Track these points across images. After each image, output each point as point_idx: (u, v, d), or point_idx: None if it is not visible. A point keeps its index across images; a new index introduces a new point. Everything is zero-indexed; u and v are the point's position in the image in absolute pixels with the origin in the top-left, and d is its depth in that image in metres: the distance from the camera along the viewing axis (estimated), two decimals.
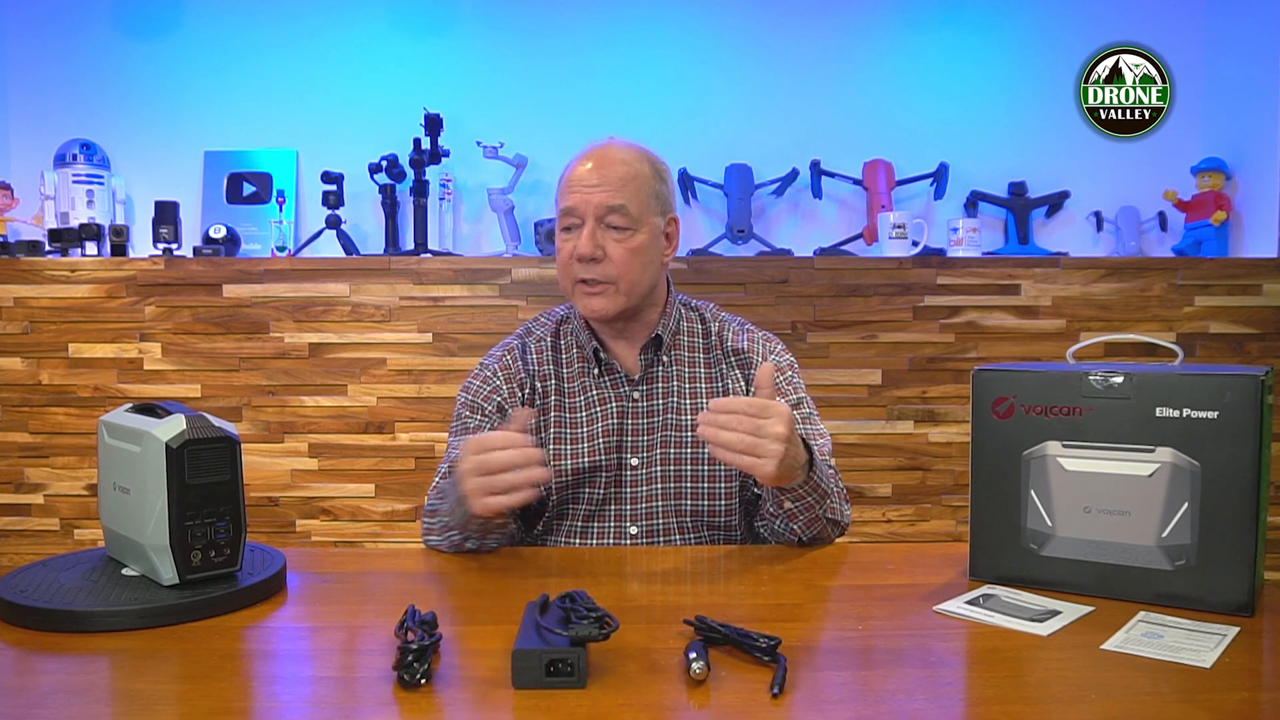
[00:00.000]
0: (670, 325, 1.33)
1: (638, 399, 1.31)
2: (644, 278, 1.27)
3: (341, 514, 2.41)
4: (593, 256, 1.23)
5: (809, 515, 1.15)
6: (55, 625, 0.87)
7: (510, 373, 1.33)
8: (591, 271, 1.24)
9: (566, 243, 1.27)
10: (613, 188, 1.24)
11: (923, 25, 2.70)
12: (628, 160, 1.26)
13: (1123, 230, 2.63)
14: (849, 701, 0.72)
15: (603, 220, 1.24)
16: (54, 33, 2.69)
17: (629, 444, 1.30)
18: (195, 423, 0.94)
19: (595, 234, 1.24)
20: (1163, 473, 0.92)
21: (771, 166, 2.63)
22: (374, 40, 2.69)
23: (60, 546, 2.41)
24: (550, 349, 1.34)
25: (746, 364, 1.34)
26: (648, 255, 1.27)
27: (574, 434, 1.30)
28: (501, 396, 1.31)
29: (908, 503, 2.44)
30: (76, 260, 2.40)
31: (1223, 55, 2.65)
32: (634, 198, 1.25)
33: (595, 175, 1.25)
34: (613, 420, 1.30)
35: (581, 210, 1.24)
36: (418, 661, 0.74)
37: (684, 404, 1.31)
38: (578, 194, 1.25)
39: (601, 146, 1.29)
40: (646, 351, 1.32)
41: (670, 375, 1.32)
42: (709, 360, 1.34)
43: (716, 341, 1.35)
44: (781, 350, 1.37)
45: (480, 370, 1.35)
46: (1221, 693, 0.72)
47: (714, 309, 1.41)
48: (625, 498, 1.30)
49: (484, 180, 2.63)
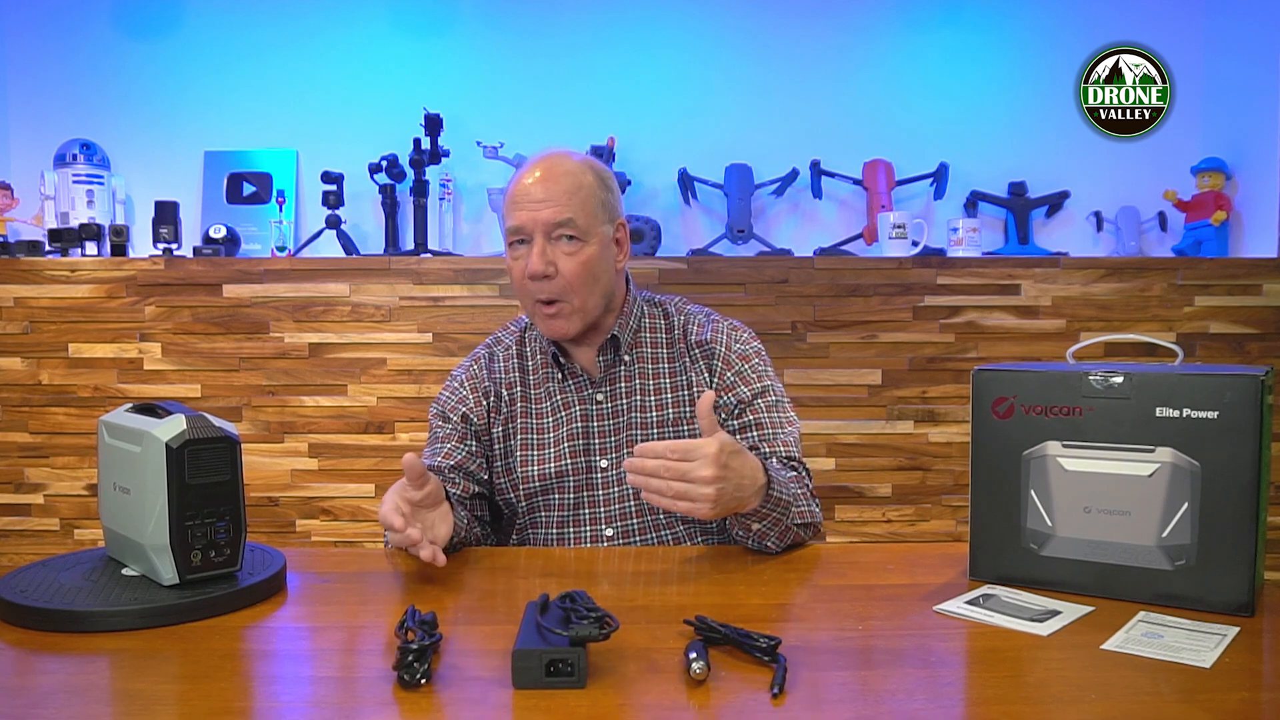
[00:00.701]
0: (630, 324, 1.33)
1: (601, 400, 1.31)
2: (597, 289, 1.26)
3: (341, 514, 2.41)
4: (545, 274, 1.22)
5: (778, 530, 1.12)
6: (55, 625, 0.87)
7: (476, 382, 1.34)
8: (546, 290, 1.23)
9: (517, 261, 1.25)
10: (559, 202, 1.22)
11: (923, 25, 2.70)
12: (571, 171, 1.25)
13: (1123, 230, 2.63)
14: (849, 701, 0.72)
15: (550, 235, 1.23)
16: (54, 33, 2.69)
17: (596, 446, 1.30)
18: (195, 423, 0.94)
19: (545, 250, 1.23)
20: (1163, 473, 0.92)
21: (771, 166, 2.63)
22: (374, 40, 2.69)
23: (60, 546, 2.40)
24: (516, 356, 1.35)
25: (710, 355, 1.32)
26: (599, 266, 1.26)
27: (540, 439, 1.31)
28: (467, 407, 1.32)
29: (908, 503, 2.44)
30: (76, 260, 2.40)
31: (1223, 55, 2.65)
32: (581, 209, 1.23)
33: (540, 190, 1.23)
34: (577, 424, 1.30)
35: (529, 227, 1.23)
36: (418, 661, 0.74)
37: (649, 401, 1.31)
38: (524, 211, 1.23)
39: (545, 158, 1.27)
40: (605, 352, 1.31)
41: (633, 374, 1.32)
42: (671, 355, 1.34)
43: (680, 336, 1.34)
44: (748, 338, 1.35)
45: (450, 381, 1.37)
46: (1221, 693, 0.72)
47: (679, 302, 1.39)
48: (598, 500, 1.30)
49: (484, 180, 2.63)
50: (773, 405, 1.30)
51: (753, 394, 1.29)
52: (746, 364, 1.31)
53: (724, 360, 1.31)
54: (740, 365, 1.31)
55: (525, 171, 1.26)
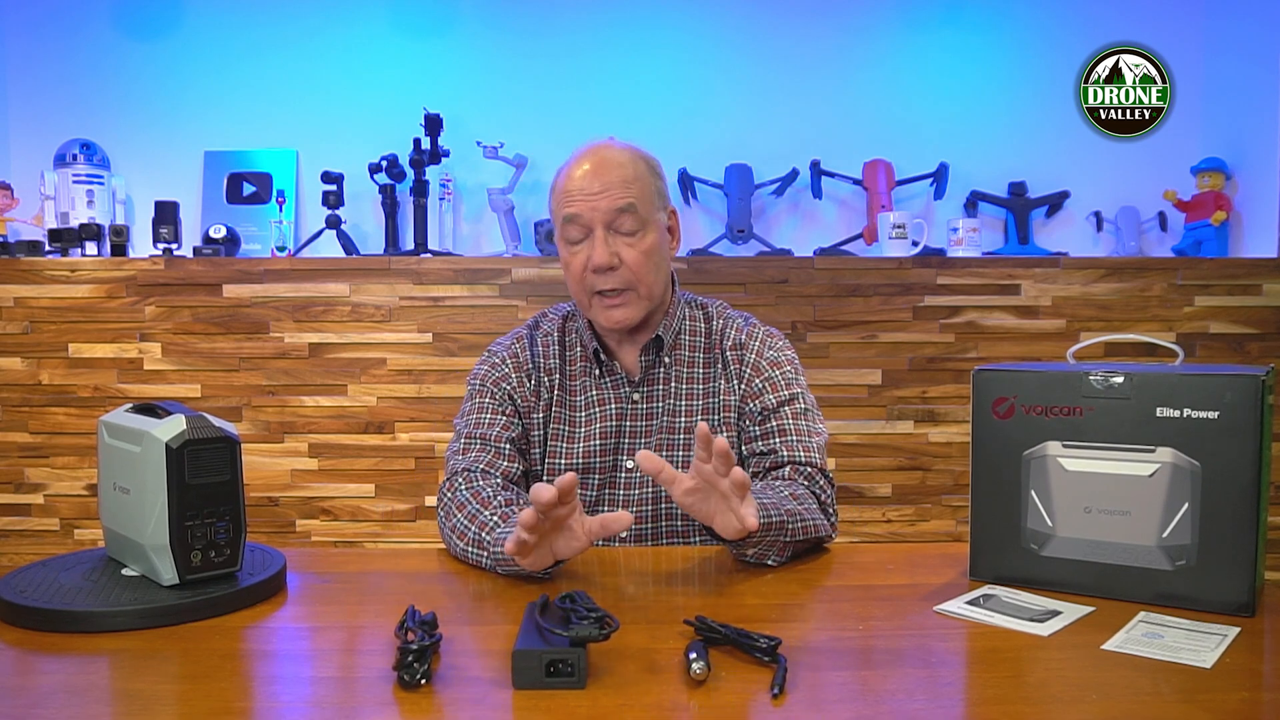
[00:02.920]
0: (672, 326, 1.31)
1: (637, 400, 1.30)
2: (659, 278, 1.25)
3: (341, 514, 2.41)
4: (610, 265, 1.20)
5: (776, 549, 1.08)
6: (55, 625, 0.87)
7: (519, 361, 1.31)
8: (610, 281, 1.21)
9: (576, 255, 1.22)
10: (617, 190, 1.20)
11: (923, 25, 2.70)
12: (624, 161, 1.22)
13: (1123, 230, 2.63)
14: (849, 701, 0.72)
15: (611, 225, 1.20)
16: (54, 33, 2.69)
17: (626, 446, 1.29)
18: (195, 423, 0.94)
19: (607, 241, 1.20)
20: (1163, 473, 0.92)
21: (771, 166, 2.63)
22: (374, 40, 2.69)
23: (60, 546, 2.40)
24: (557, 344, 1.33)
25: (741, 360, 1.30)
26: (660, 254, 1.24)
27: (572, 432, 1.29)
28: (511, 385, 1.29)
29: (908, 503, 2.44)
30: (76, 260, 2.40)
31: (1223, 55, 2.65)
32: (639, 196, 1.21)
33: (596, 180, 1.20)
34: (611, 422, 1.29)
35: (588, 219, 1.20)
36: (418, 661, 0.74)
37: (679, 406, 1.30)
38: (581, 201, 1.20)
39: (595, 148, 1.24)
40: (647, 353, 1.30)
41: (670, 377, 1.31)
42: (707, 360, 1.32)
43: (717, 340, 1.33)
44: (782, 346, 1.33)
45: (489, 356, 1.33)
46: (1222, 693, 0.72)
47: (720, 306, 1.38)
48: (618, 500, 1.29)
49: (484, 180, 2.63)
50: (800, 413, 1.27)
51: (779, 401, 1.27)
52: (777, 370, 1.29)
53: (754, 367, 1.29)
54: (770, 372, 1.29)
55: (574, 164, 1.23)
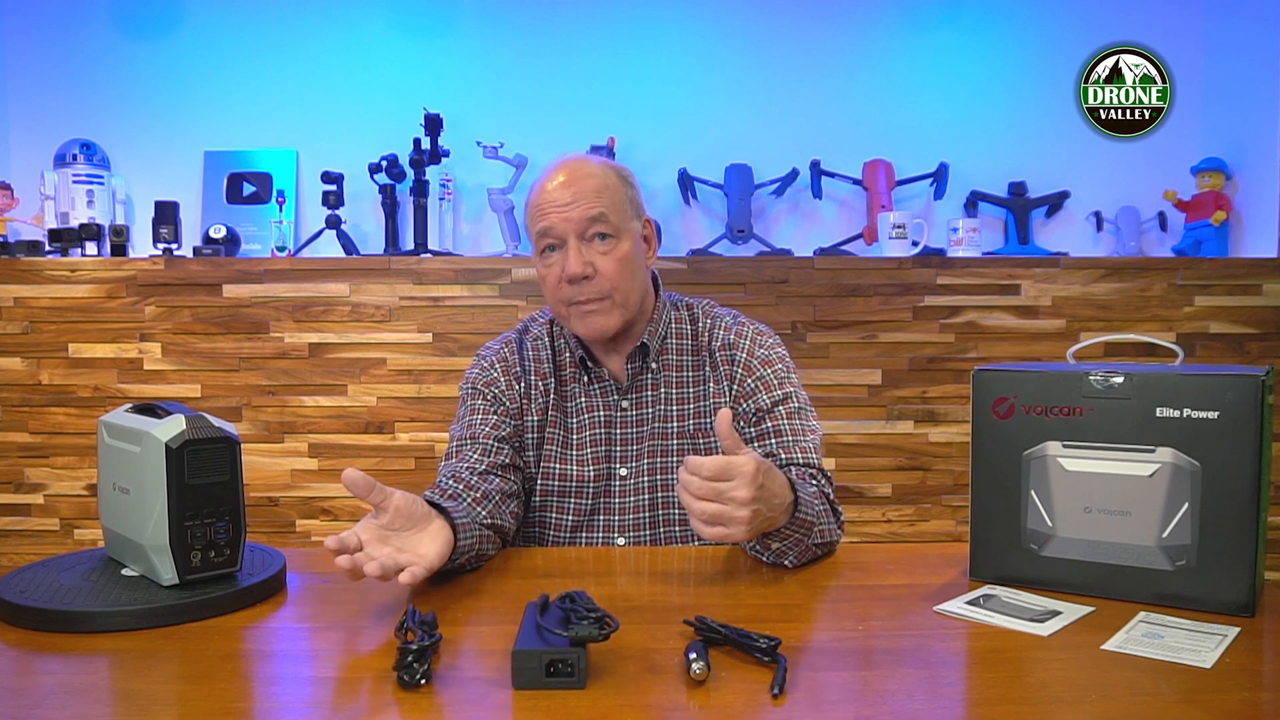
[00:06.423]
0: (659, 331, 1.31)
1: (626, 408, 1.30)
2: (636, 286, 1.25)
3: (341, 514, 2.41)
4: (584, 275, 1.20)
5: (798, 549, 1.09)
6: (55, 625, 0.87)
7: (507, 365, 1.31)
8: (585, 291, 1.22)
9: (551, 267, 1.23)
10: (588, 200, 1.21)
11: (923, 25, 2.70)
12: (595, 172, 1.23)
13: (1123, 230, 2.63)
14: (849, 702, 0.72)
15: (584, 235, 1.21)
16: (54, 33, 2.69)
17: (618, 454, 1.29)
18: (195, 423, 0.94)
19: (581, 251, 1.21)
20: (1163, 473, 0.92)
21: (771, 166, 2.63)
22: (374, 40, 2.69)
23: (60, 546, 2.40)
24: (547, 348, 1.33)
25: (732, 360, 1.30)
26: (635, 262, 1.25)
27: (565, 438, 1.30)
28: (499, 388, 1.29)
29: (908, 503, 2.44)
30: (76, 260, 2.40)
31: (1223, 55, 2.65)
32: (611, 205, 1.22)
33: (567, 192, 1.21)
34: (601, 429, 1.29)
35: (561, 230, 1.21)
36: (418, 661, 0.74)
37: (671, 411, 1.30)
38: (554, 213, 1.21)
39: (566, 162, 1.25)
40: (634, 360, 1.29)
41: (659, 382, 1.31)
42: (696, 363, 1.32)
43: (705, 341, 1.32)
44: (772, 344, 1.32)
45: (478, 360, 1.33)
46: (1222, 693, 0.72)
47: (707, 305, 1.37)
48: (614, 508, 1.29)
49: (484, 180, 2.63)
50: (794, 412, 1.27)
51: (773, 401, 1.27)
52: (769, 369, 1.29)
53: (745, 366, 1.29)
54: (762, 371, 1.28)
55: (547, 177, 1.24)
